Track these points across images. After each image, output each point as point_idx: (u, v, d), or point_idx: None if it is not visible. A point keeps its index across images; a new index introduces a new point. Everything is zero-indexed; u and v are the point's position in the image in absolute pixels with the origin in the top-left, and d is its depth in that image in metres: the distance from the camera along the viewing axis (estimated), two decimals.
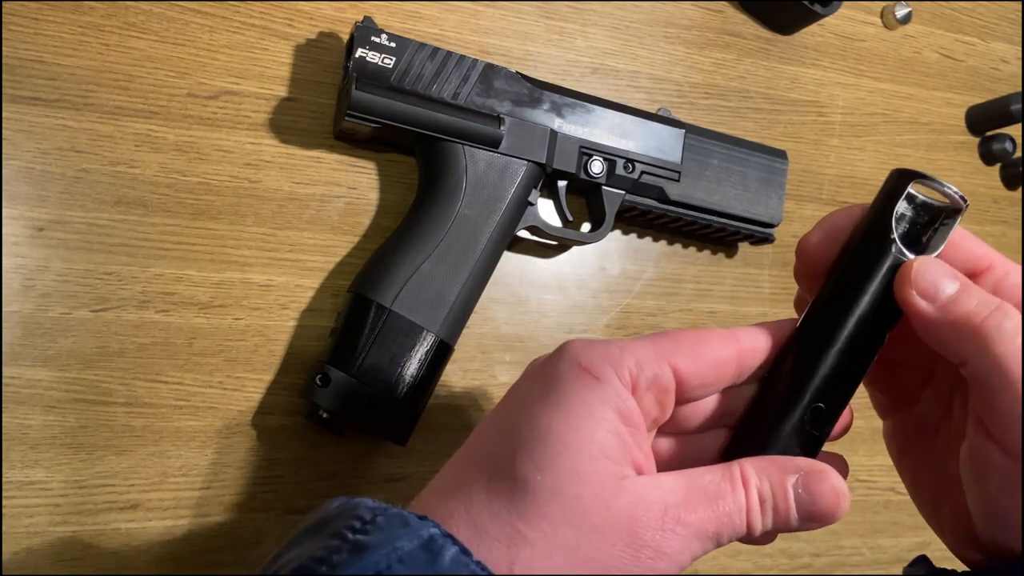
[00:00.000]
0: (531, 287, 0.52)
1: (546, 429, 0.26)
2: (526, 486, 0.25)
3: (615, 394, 0.26)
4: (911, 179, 0.27)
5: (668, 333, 0.28)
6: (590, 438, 0.25)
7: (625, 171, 0.50)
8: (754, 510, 0.26)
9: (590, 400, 0.26)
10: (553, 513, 0.24)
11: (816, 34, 0.63)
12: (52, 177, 0.43)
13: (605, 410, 0.26)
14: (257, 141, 0.47)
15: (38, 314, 0.42)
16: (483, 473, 0.26)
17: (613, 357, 0.27)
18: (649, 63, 0.58)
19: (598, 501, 0.25)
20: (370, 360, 0.42)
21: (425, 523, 0.24)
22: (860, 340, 0.28)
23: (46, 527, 0.41)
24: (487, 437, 0.28)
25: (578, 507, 0.25)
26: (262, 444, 0.45)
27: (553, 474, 0.25)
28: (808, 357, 0.28)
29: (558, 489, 0.25)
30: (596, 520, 0.25)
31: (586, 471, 0.25)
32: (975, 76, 0.69)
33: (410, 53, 0.46)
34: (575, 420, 0.26)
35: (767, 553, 0.55)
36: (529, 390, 0.28)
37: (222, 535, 0.44)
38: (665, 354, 0.27)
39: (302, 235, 0.47)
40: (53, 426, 0.42)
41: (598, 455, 0.25)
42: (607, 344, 0.27)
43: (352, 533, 0.24)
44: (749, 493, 0.26)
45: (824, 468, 0.27)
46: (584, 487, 0.25)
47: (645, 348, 0.27)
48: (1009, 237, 0.68)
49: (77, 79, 0.44)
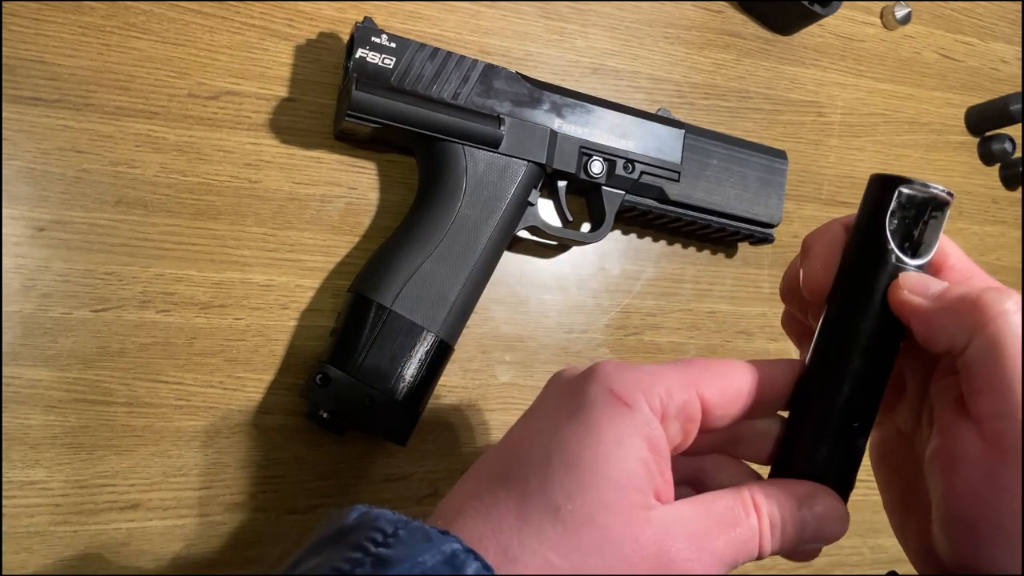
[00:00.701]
0: (531, 287, 0.52)
1: (577, 457, 0.26)
2: (557, 515, 0.25)
3: (645, 422, 0.26)
4: (896, 186, 0.27)
5: (694, 362, 0.29)
6: (619, 468, 0.26)
7: (625, 171, 0.50)
8: (765, 535, 0.27)
9: (621, 428, 0.26)
10: (583, 544, 0.25)
11: (816, 34, 0.63)
12: (53, 177, 0.43)
13: (635, 439, 0.26)
14: (257, 141, 0.47)
15: (39, 314, 0.42)
16: (512, 497, 0.26)
17: (644, 384, 0.27)
18: (649, 63, 0.58)
19: (627, 533, 0.25)
20: (370, 360, 0.42)
21: (447, 538, 0.24)
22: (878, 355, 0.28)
23: (46, 527, 0.41)
24: (513, 456, 0.28)
25: (607, 538, 0.25)
26: (262, 444, 0.45)
27: (583, 504, 0.25)
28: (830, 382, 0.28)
29: (588, 520, 0.25)
30: (626, 552, 0.25)
31: (615, 502, 0.25)
32: (975, 76, 0.69)
33: (410, 53, 0.46)
34: (605, 449, 0.26)
35: None
36: (557, 411, 0.28)
37: (222, 535, 0.44)
38: (693, 383, 0.28)
39: (302, 235, 0.47)
40: (53, 426, 0.42)
41: (627, 485, 0.26)
42: (638, 370, 0.28)
43: (374, 546, 0.24)
44: (761, 518, 0.27)
45: (828, 492, 0.28)
46: (613, 518, 0.25)
47: (675, 376, 0.28)
48: (1008, 237, 0.68)
49: (78, 79, 0.44)
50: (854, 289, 0.28)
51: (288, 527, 0.45)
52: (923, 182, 0.28)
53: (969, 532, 0.26)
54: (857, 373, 0.28)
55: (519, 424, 0.29)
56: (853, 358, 0.28)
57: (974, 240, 0.66)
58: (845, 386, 0.28)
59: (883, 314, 0.28)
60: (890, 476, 0.33)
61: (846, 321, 0.28)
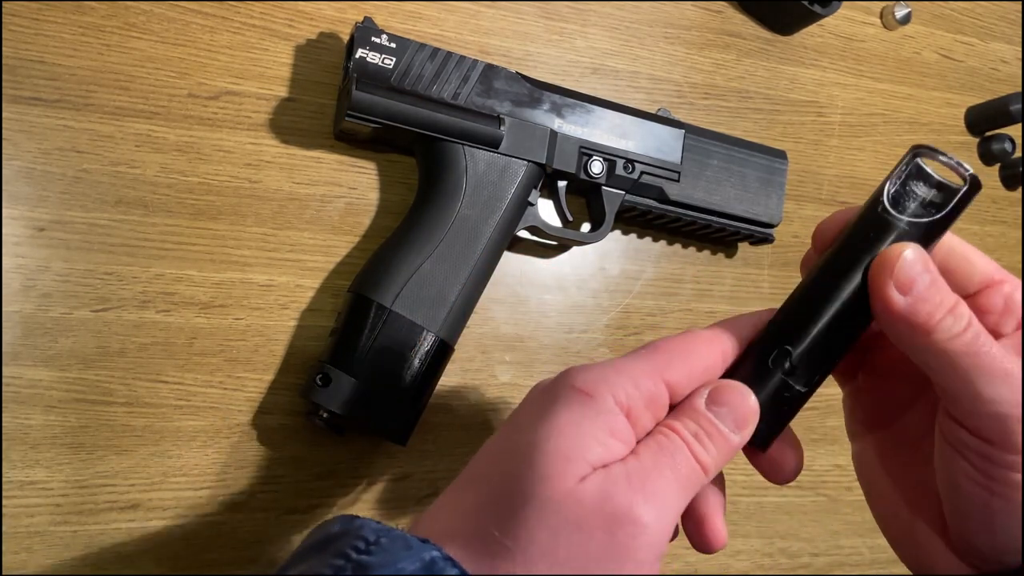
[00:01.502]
0: (531, 287, 0.52)
1: (532, 443, 0.26)
2: (506, 498, 0.26)
3: (606, 410, 0.27)
4: (918, 151, 0.28)
5: (657, 347, 0.29)
6: (571, 444, 0.26)
7: (625, 171, 0.50)
8: (695, 446, 0.27)
9: (579, 413, 0.26)
10: (528, 519, 0.25)
11: (816, 34, 0.63)
12: (53, 177, 0.43)
13: (594, 422, 0.26)
14: (257, 141, 0.47)
15: (39, 314, 0.42)
16: (477, 494, 0.27)
17: (609, 379, 0.27)
18: (649, 63, 0.58)
19: (568, 499, 0.25)
20: (370, 360, 0.42)
21: (426, 546, 0.24)
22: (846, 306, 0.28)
23: (46, 527, 0.41)
24: (481, 462, 0.28)
25: (548, 507, 0.25)
26: (262, 444, 0.45)
27: (529, 483, 0.25)
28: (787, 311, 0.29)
29: (531, 493, 0.25)
30: (570, 516, 0.25)
31: (557, 472, 0.25)
32: (974, 76, 0.69)
33: (410, 53, 0.46)
34: (558, 428, 0.26)
35: (767, 553, 0.55)
36: (525, 413, 0.29)
37: (222, 535, 0.44)
38: (659, 371, 0.28)
39: (302, 235, 0.47)
40: (54, 426, 0.42)
41: (576, 458, 0.26)
42: (603, 365, 0.28)
43: (356, 553, 0.24)
44: (681, 434, 0.27)
45: (719, 381, 0.29)
46: (554, 488, 0.25)
47: (639, 367, 0.28)
48: (1008, 237, 0.68)
49: (78, 79, 0.44)
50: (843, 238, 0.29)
51: (288, 527, 0.45)
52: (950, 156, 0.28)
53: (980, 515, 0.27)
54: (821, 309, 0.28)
55: (496, 432, 0.30)
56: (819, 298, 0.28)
57: (974, 240, 0.66)
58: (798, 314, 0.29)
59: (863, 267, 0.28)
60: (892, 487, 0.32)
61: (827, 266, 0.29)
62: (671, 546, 0.53)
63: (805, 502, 0.56)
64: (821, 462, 0.57)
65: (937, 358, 0.26)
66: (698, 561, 0.53)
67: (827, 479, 0.57)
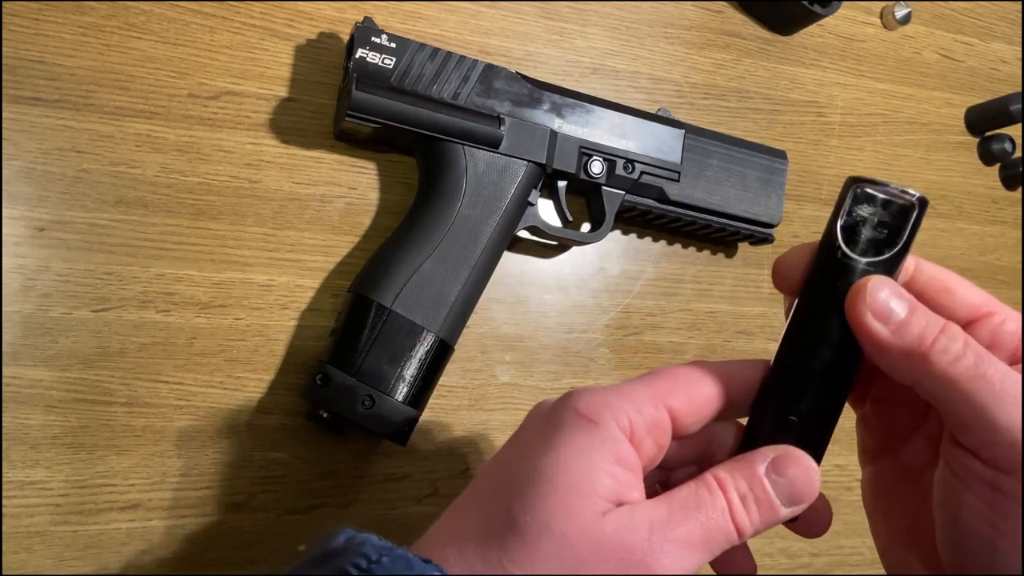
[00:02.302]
0: (531, 287, 0.52)
1: (537, 470, 0.26)
2: (515, 527, 0.25)
3: (611, 437, 0.26)
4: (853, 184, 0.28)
5: (660, 373, 0.29)
6: (579, 476, 0.26)
7: (625, 171, 0.50)
8: (737, 508, 0.26)
9: (585, 442, 0.26)
10: (541, 552, 0.25)
11: (816, 34, 0.63)
12: (53, 177, 0.43)
13: (601, 452, 0.26)
14: (257, 141, 0.47)
15: (39, 314, 0.42)
16: (478, 519, 0.26)
17: (612, 404, 0.27)
18: (649, 63, 0.58)
19: (585, 536, 0.25)
20: (370, 360, 0.42)
21: (428, 566, 0.24)
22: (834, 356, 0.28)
23: (46, 527, 0.41)
24: (484, 484, 0.28)
25: (565, 543, 0.25)
26: (262, 444, 0.45)
27: (541, 513, 0.25)
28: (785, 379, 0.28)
29: (546, 527, 0.25)
30: (583, 553, 0.25)
31: (574, 507, 0.25)
32: (975, 76, 0.69)
33: (410, 53, 0.46)
34: (566, 460, 0.26)
35: (767, 553, 0.55)
36: (528, 436, 0.28)
37: (222, 535, 0.44)
38: (661, 397, 0.28)
39: (302, 235, 0.47)
40: (53, 426, 0.42)
41: (588, 492, 0.25)
42: (606, 390, 0.28)
43: (357, 571, 0.24)
44: (728, 493, 0.27)
45: (789, 449, 0.28)
46: (571, 523, 0.25)
47: (642, 392, 0.28)
48: (1008, 237, 0.68)
49: (78, 79, 0.44)
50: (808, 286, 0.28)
51: (288, 527, 0.45)
52: (885, 183, 0.27)
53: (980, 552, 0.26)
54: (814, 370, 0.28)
55: (496, 455, 0.30)
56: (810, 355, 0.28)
57: (974, 240, 0.66)
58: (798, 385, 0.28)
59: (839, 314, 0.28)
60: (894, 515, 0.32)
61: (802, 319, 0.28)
62: None
63: None
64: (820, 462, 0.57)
65: (942, 386, 0.25)
66: None
67: (827, 479, 0.57)
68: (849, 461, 0.60)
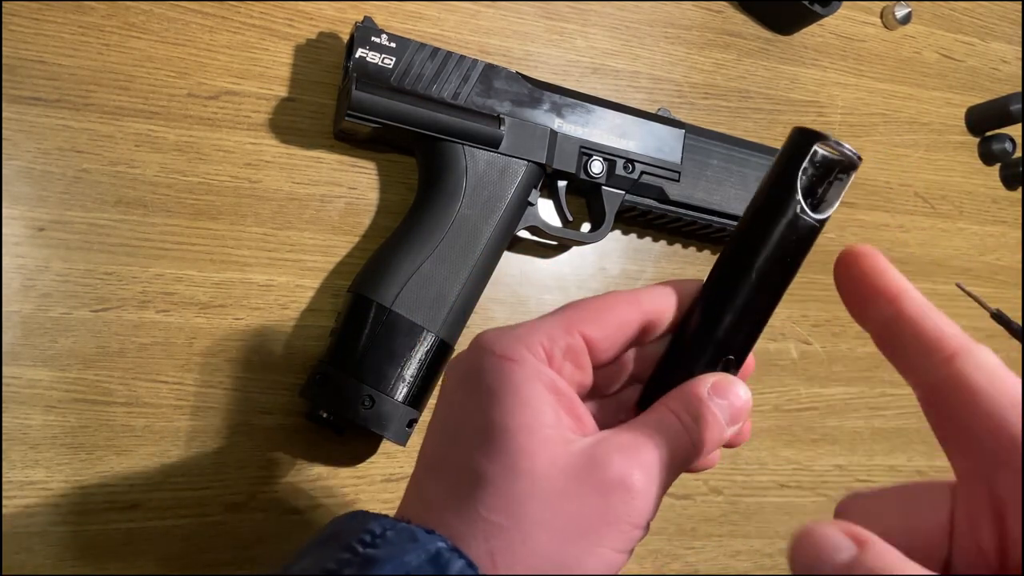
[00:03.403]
0: (531, 287, 0.52)
1: (485, 421, 0.26)
2: (484, 478, 0.26)
3: (535, 370, 0.27)
4: (815, 140, 0.28)
5: (573, 304, 0.29)
6: (525, 415, 0.26)
7: (625, 171, 0.50)
8: (692, 430, 0.28)
9: (515, 381, 0.27)
10: (516, 494, 0.25)
11: (816, 34, 0.63)
12: (52, 177, 0.43)
13: (531, 387, 0.27)
14: (257, 141, 0.47)
15: (38, 314, 0.42)
16: (443, 482, 0.27)
17: (524, 338, 0.28)
18: (649, 63, 0.58)
19: (554, 467, 0.25)
20: (370, 360, 0.42)
21: (432, 537, 0.24)
22: (762, 294, 0.29)
23: (46, 527, 0.41)
24: (434, 446, 0.29)
25: (537, 479, 0.25)
26: (262, 444, 0.45)
27: (505, 459, 0.26)
28: (714, 311, 0.30)
29: (514, 470, 0.25)
30: (559, 484, 0.25)
31: (534, 445, 0.26)
32: (975, 76, 0.69)
33: (410, 53, 0.46)
34: (508, 403, 0.26)
35: (767, 554, 0.55)
36: (456, 390, 0.29)
37: (222, 535, 0.44)
38: (572, 324, 0.28)
39: (302, 235, 0.47)
40: (53, 426, 0.42)
41: (539, 428, 0.26)
42: (516, 327, 0.28)
43: (362, 547, 0.24)
44: (681, 416, 0.28)
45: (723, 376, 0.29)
46: (537, 460, 0.25)
47: (553, 323, 0.28)
48: (1009, 237, 0.68)
49: (77, 79, 0.44)
50: (754, 229, 0.29)
51: (288, 527, 0.45)
52: (838, 141, 0.28)
53: None
54: (742, 309, 0.29)
55: (432, 417, 0.30)
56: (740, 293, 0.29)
57: (974, 240, 0.66)
58: (728, 321, 0.29)
59: (774, 259, 0.29)
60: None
61: (740, 259, 0.29)
62: (671, 546, 0.53)
63: (806, 502, 0.56)
64: (821, 462, 0.57)
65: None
66: (698, 561, 0.53)
67: (828, 479, 0.57)
68: (849, 461, 0.60)
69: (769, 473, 0.56)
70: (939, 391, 0.22)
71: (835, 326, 0.59)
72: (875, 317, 0.24)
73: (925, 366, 0.23)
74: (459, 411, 0.28)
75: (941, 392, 0.22)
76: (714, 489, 0.54)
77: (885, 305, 0.24)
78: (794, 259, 0.29)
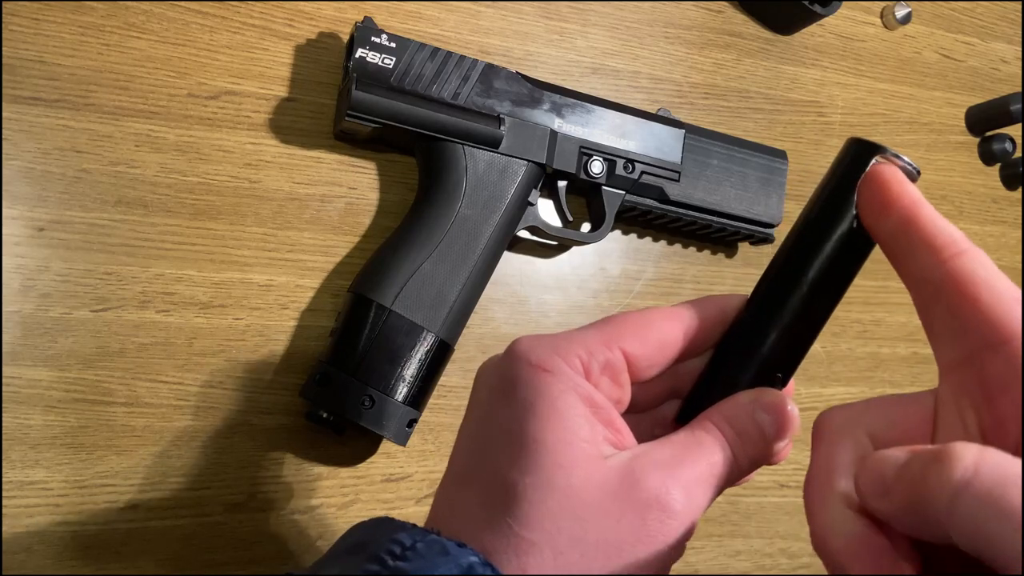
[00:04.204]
0: (531, 287, 0.52)
1: (519, 433, 0.26)
2: (517, 493, 0.25)
3: (571, 382, 0.26)
4: (875, 152, 0.28)
5: (613, 318, 0.29)
6: (561, 428, 0.26)
7: (625, 171, 0.50)
8: (735, 445, 0.27)
9: (550, 394, 0.26)
10: (550, 510, 0.24)
11: (816, 34, 0.63)
12: (52, 177, 0.43)
13: (567, 399, 0.26)
14: (257, 141, 0.47)
15: (38, 314, 0.42)
16: (474, 494, 0.26)
17: (561, 349, 0.27)
18: (649, 63, 0.58)
19: (590, 483, 0.25)
20: (370, 360, 0.42)
21: (464, 551, 0.24)
22: (813, 308, 0.29)
23: (46, 527, 0.41)
24: (466, 456, 0.28)
25: (572, 495, 0.25)
26: (262, 444, 0.45)
27: (539, 473, 0.25)
28: (762, 324, 0.29)
29: (548, 485, 0.25)
30: (594, 501, 0.25)
31: (569, 460, 0.25)
32: (975, 76, 0.69)
33: (410, 53, 0.46)
34: (543, 416, 0.26)
35: (767, 554, 0.55)
36: (489, 399, 0.28)
37: (222, 535, 0.44)
38: (612, 339, 0.28)
39: (302, 235, 0.47)
40: (53, 426, 0.42)
41: (575, 441, 0.25)
42: (554, 337, 0.28)
43: (392, 559, 0.24)
44: (724, 432, 0.27)
45: (767, 390, 0.28)
46: (573, 475, 0.25)
47: (592, 336, 0.28)
48: (1009, 237, 0.68)
49: (77, 79, 0.44)
50: (807, 241, 0.29)
51: (288, 527, 0.45)
52: (896, 153, 0.28)
53: None
54: (791, 324, 0.28)
55: (463, 425, 0.29)
56: (790, 307, 0.28)
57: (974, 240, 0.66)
58: (776, 336, 0.28)
59: (828, 269, 0.28)
60: None
61: (792, 271, 0.29)
62: None
63: None
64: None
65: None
66: (698, 561, 0.53)
67: None
68: None
69: (769, 473, 0.56)
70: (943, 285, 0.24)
71: (835, 326, 0.59)
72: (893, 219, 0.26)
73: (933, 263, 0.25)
74: (491, 421, 0.27)
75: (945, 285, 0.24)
76: None
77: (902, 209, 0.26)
78: (848, 272, 0.28)
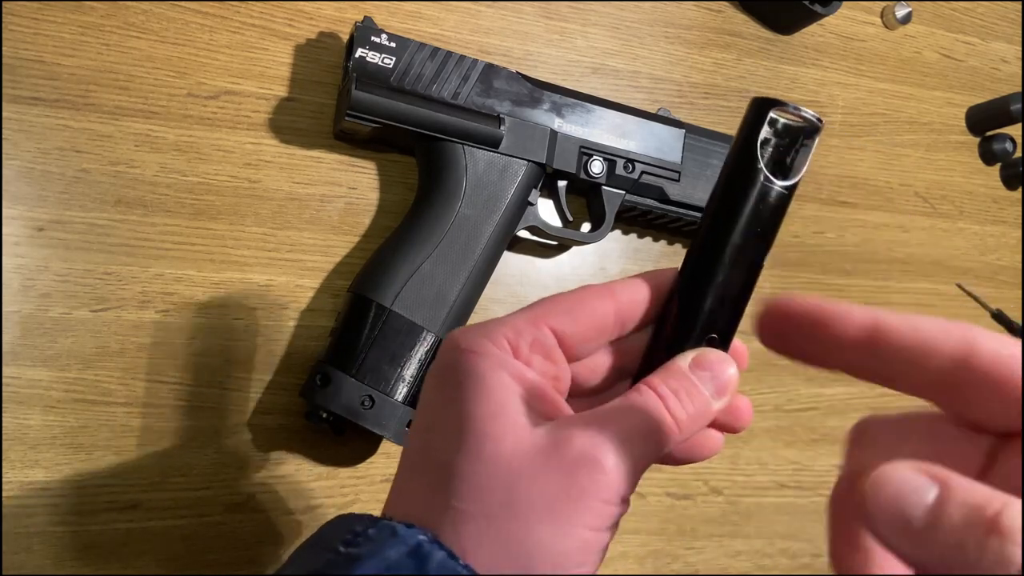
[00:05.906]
0: (531, 287, 0.52)
1: (455, 414, 0.26)
2: (453, 469, 0.25)
3: (498, 360, 0.27)
4: (772, 107, 0.28)
5: (543, 299, 0.29)
6: (492, 402, 0.26)
7: (625, 171, 0.50)
8: (670, 401, 0.27)
9: (478, 372, 0.26)
10: (481, 479, 0.25)
11: (816, 34, 0.63)
12: (52, 177, 0.43)
13: (496, 376, 0.26)
14: (257, 141, 0.47)
15: (38, 314, 0.42)
16: (422, 480, 0.27)
17: (489, 332, 0.27)
18: (649, 63, 0.58)
19: (519, 449, 0.25)
20: (370, 360, 0.42)
21: (413, 531, 0.24)
22: (738, 268, 0.29)
23: (46, 527, 0.41)
24: (413, 447, 0.29)
25: (501, 463, 0.25)
26: (262, 444, 0.45)
27: (470, 447, 0.25)
28: (693, 291, 0.29)
29: (478, 456, 0.25)
30: (523, 465, 0.25)
31: (499, 431, 0.25)
32: (975, 76, 0.69)
33: (410, 53, 0.46)
34: (473, 393, 0.26)
35: (767, 554, 0.55)
36: (430, 390, 0.29)
37: (222, 535, 0.44)
38: (539, 318, 0.28)
39: (302, 235, 0.47)
40: (53, 426, 0.42)
41: (504, 413, 0.26)
42: (483, 323, 0.28)
43: (345, 547, 0.24)
44: (658, 389, 0.27)
45: (705, 348, 0.28)
46: (502, 444, 0.25)
47: (519, 317, 0.28)
48: (1009, 237, 0.68)
49: (77, 79, 0.44)
50: (723, 204, 0.29)
51: (288, 527, 0.45)
52: (796, 106, 0.28)
53: None
54: (721, 286, 0.29)
55: (412, 422, 0.30)
56: (717, 270, 0.29)
57: (975, 240, 0.66)
58: (708, 299, 0.29)
59: (747, 231, 0.29)
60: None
61: (713, 235, 0.29)
62: (671, 546, 0.53)
63: (805, 502, 0.56)
64: (821, 462, 0.57)
65: None
66: (698, 561, 0.53)
67: (827, 479, 0.57)
68: None
69: (769, 473, 0.56)
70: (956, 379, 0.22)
71: None
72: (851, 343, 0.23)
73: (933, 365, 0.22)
74: (431, 409, 0.28)
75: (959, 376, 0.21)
76: (714, 489, 0.54)
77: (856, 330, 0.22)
78: (768, 229, 0.29)
